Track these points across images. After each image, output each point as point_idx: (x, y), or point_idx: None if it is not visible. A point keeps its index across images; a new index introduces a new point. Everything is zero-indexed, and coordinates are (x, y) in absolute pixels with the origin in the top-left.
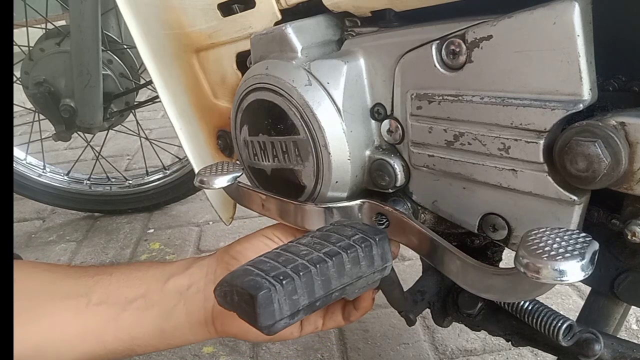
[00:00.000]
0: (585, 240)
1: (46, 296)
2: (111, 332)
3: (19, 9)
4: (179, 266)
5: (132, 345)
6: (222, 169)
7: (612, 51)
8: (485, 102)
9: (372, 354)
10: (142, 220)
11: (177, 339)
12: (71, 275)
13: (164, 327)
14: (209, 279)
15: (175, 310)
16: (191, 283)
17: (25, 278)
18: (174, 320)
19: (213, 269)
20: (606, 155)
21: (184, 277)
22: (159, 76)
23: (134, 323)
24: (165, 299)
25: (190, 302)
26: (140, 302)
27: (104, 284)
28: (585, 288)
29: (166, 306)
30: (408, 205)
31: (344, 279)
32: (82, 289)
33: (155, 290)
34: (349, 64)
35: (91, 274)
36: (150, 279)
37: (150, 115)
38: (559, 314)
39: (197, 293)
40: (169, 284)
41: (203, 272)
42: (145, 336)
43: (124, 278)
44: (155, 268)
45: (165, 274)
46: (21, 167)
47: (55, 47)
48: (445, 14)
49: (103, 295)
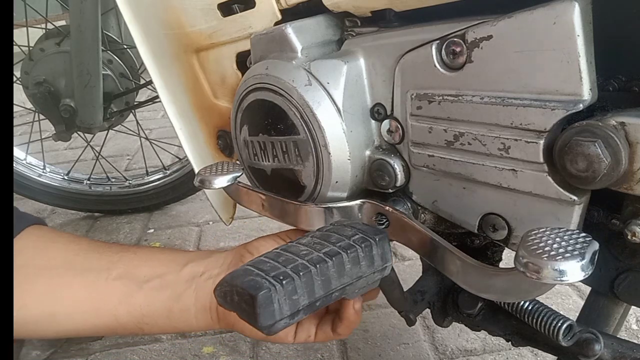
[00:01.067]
0: (585, 240)
1: (68, 267)
2: (124, 308)
3: (19, 9)
4: (199, 254)
5: (141, 323)
6: (222, 169)
7: (612, 51)
8: (485, 102)
9: (372, 354)
10: (142, 220)
11: (183, 322)
12: (96, 249)
13: (172, 308)
14: (223, 269)
15: (186, 293)
16: (205, 270)
17: (47, 247)
18: (183, 303)
19: (229, 260)
20: (606, 155)
21: (201, 264)
22: (159, 76)
23: (147, 301)
24: (179, 282)
25: (200, 287)
26: (156, 282)
27: (126, 260)
28: (585, 288)
29: (179, 290)
30: (408, 205)
31: (344, 279)
32: (105, 263)
33: (172, 273)
34: (349, 64)
35: (115, 250)
36: (170, 262)
37: (150, 115)
38: (559, 314)
39: (208, 279)
40: (186, 268)
41: (219, 262)
42: (154, 315)
43: (146, 257)
44: (177, 253)
45: (184, 260)
46: (21, 167)
47: (55, 47)
48: (445, 14)
49: (123, 271)
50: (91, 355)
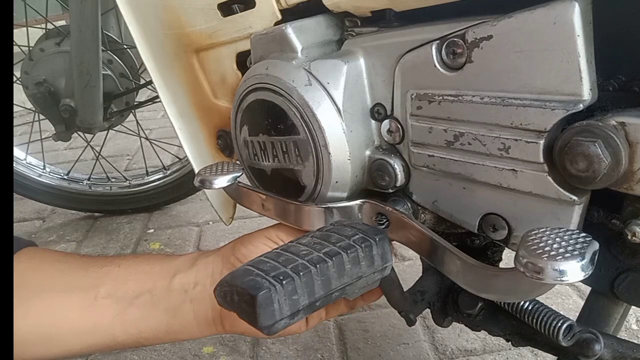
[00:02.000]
0: (585, 240)
1: (57, 288)
2: (119, 326)
3: (19, 9)
4: (184, 262)
5: (140, 338)
6: (222, 169)
7: (612, 51)
8: (485, 102)
9: (372, 354)
10: (142, 220)
11: (185, 335)
12: (81, 266)
13: (171, 323)
14: (215, 279)
15: (182, 309)
16: (197, 281)
17: (38, 269)
18: (181, 319)
19: (219, 269)
20: (606, 155)
21: (190, 274)
22: (159, 76)
23: (141, 318)
24: (171, 297)
25: (197, 302)
26: (146, 297)
27: (112, 276)
28: (585, 288)
29: (172, 304)
30: (408, 205)
31: (344, 279)
32: (92, 280)
33: (161, 287)
34: (349, 64)
35: (100, 264)
36: (156, 274)
37: (150, 115)
38: (559, 314)
39: (202, 292)
40: (175, 281)
41: (209, 271)
42: (152, 331)
43: (132, 271)
44: (161, 262)
45: (171, 270)
46: (21, 167)
47: (55, 47)
48: (445, 14)
49: (111, 287)
50: (91, 355)
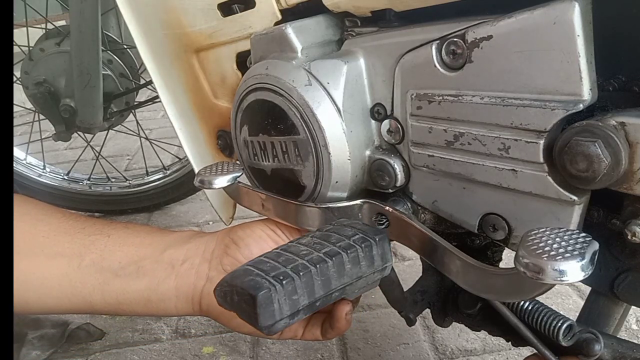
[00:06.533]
0: (585, 240)
1: (37, 251)
2: (98, 296)
3: (19, 9)
4: (177, 238)
5: (118, 309)
6: (222, 169)
7: (612, 51)
8: (485, 102)
9: (372, 354)
10: (142, 220)
11: (161, 310)
12: (67, 231)
13: (151, 297)
14: (205, 258)
15: (165, 283)
16: (186, 258)
17: (21, 230)
18: (162, 293)
19: (211, 248)
20: (606, 155)
21: (181, 250)
22: (159, 76)
23: (123, 290)
24: (157, 269)
25: (181, 277)
26: (132, 268)
27: (99, 246)
28: (585, 288)
29: (157, 277)
30: (408, 205)
31: (344, 279)
32: (77, 248)
33: (150, 258)
34: (349, 64)
35: (87, 232)
36: (146, 247)
37: (150, 115)
38: (559, 314)
39: (190, 269)
40: (165, 255)
41: (200, 250)
42: (131, 303)
43: (121, 242)
44: (152, 236)
45: (163, 244)
46: (21, 167)
47: (55, 47)
48: (445, 14)
49: (97, 257)
50: (91, 355)
